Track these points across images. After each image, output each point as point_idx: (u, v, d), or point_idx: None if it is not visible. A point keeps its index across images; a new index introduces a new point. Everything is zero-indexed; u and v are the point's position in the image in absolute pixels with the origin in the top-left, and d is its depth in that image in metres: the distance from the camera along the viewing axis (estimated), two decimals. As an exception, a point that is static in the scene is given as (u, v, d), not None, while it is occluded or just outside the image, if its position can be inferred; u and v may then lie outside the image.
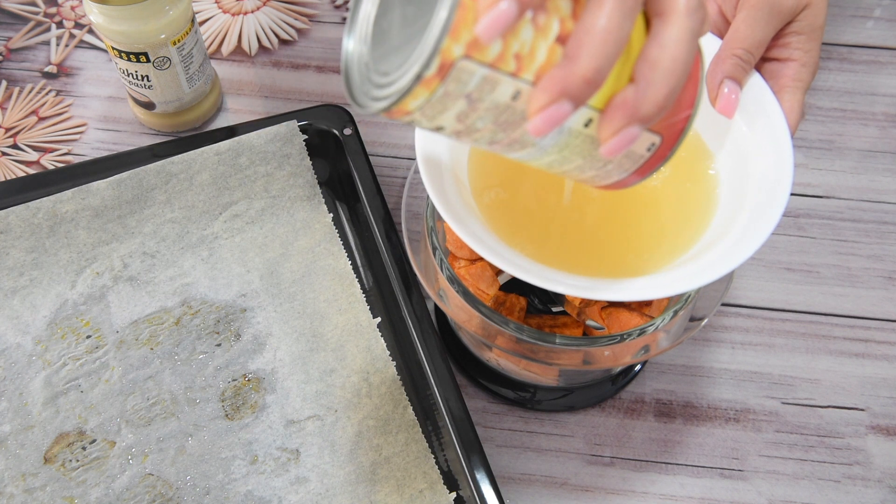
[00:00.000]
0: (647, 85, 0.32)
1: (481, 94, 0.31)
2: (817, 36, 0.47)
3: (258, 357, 0.58)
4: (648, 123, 0.33)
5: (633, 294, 0.41)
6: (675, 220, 0.47)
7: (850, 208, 0.68)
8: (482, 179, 0.47)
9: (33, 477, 0.54)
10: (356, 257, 0.63)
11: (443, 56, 0.28)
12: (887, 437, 0.58)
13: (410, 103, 0.30)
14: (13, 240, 0.59)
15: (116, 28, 0.60)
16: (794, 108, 0.45)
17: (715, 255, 0.42)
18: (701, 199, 0.46)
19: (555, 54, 0.31)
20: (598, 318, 0.53)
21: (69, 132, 0.71)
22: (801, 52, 0.46)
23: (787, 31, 0.46)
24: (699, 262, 0.42)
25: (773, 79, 0.46)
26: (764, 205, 0.42)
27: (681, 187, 0.47)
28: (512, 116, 0.32)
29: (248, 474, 0.54)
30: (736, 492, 0.56)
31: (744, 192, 0.44)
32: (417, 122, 0.32)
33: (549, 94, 0.31)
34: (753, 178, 0.44)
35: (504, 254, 0.41)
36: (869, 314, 0.63)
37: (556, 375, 0.58)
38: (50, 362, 0.57)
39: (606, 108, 0.33)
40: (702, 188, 0.47)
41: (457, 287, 0.50)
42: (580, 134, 0.34)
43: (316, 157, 0.64)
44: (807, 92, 0.47)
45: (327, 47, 0.76)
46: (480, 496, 0.51)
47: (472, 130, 0.33)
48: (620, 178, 0.38)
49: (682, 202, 0.47)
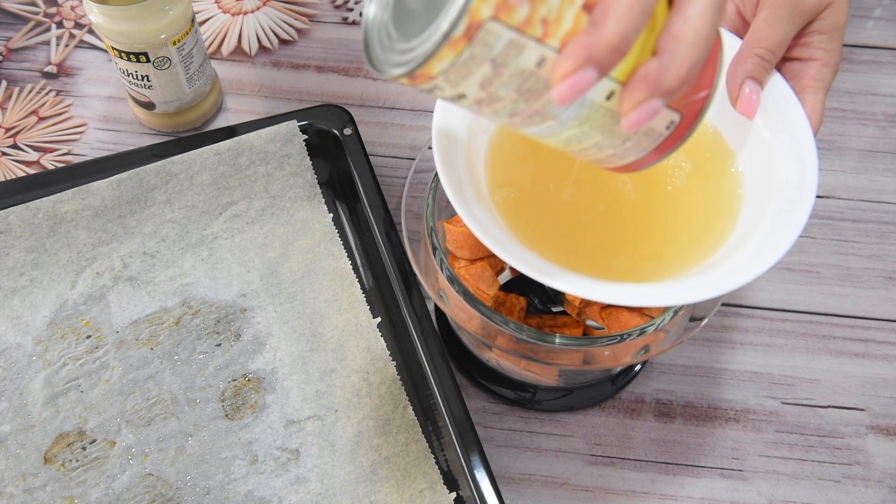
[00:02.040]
0: (671, 57, 0.32)
1: (507, 58, 0.31)
2: (839, 35, 0.46)
3: (258, 357, 0.58)
4: (670, 97, 0.33)
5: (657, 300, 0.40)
6: (699, 221, 0.46)
7: (850, 208, 0.68)
8: (499, 177, 0.46)
9: (33, 477, 0.54)
10: (356, 257, 0.63)
11: (471, 16, 0.28)
12: (887, 437, 0.58)
13: (435, 66, 0.30)
14: (13, 240, 0.59)
15: (116, 28, 0.60)
16: (817, 108, 0.45)
17: (742, 258, 0.41)
18: (725, 198, 0.45)
19: (581, 21, 0.31)
20: (598, 318, 0.53)
21: (69, 132, 0.71)
22: (823, 52, 0.46)
23: (808, 30, 0.46)
24: (724, 266, 0.41)
25: (794, 79, 0.46)
26: (788, 208, 0.42)
27: (705, 186, 0.46)
28: (535, 84, 0.32)
29: (248, 474, 0.54)
30: (736, 492, 0.56)
31: (767, 192, 0.44)
32: (440, 88, 0.32)
33: (574, 61, 0.31)
34: (777, 179, 0.43)
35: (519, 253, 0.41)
36: (869, 314, 0.63)
37: (556, 375, 0.58)
38: (50, 362, 0.57)
39: (629, 81, 0.33)
40: (725, 187, 0.46)
41: (457, 287, 0.50)
42: (601, 107, 0.34)
43: (316, 157, 0.64)
44: (828, 92, 0.46)
45: (327, 47, 0.76)
46: (480, 496, 0.51)
47: (494, 99, 0.33)
48: (638, 158, 0.38)
49: (706, 201, 0.46)
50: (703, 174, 0.46)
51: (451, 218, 0.56)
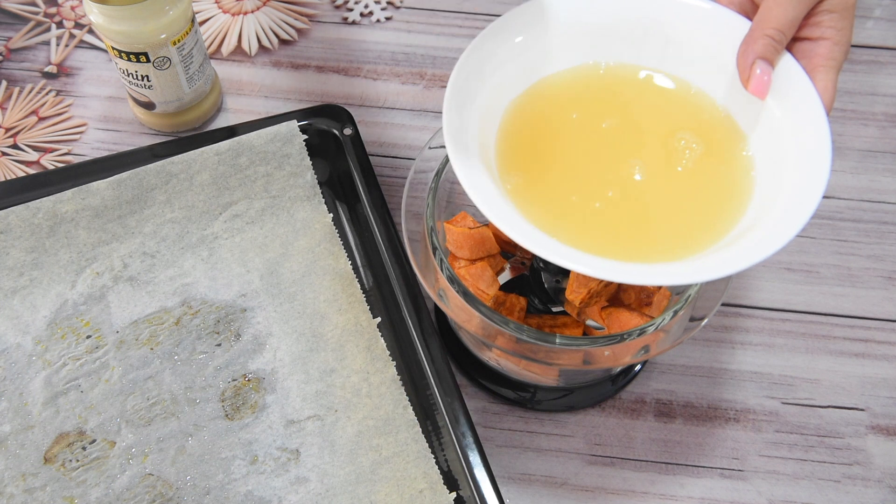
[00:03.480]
0: None
1: None
2: (850, 14, 0.46)
3: (258, 357, 0.58)
4: None
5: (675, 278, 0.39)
6: (711, 203, 0.45)
7: (850, 208, 0.68)
8: (508, 164, 0.46)
9: (33, 477, 0.54)
10: (356, 257, 0.63)
11: None
12: (887, 437, 0.58)
13: None
14: (13, 240, 0.59)
15: (116, 28, 0.60)
16: (828, 87, 0.44)
17: (759, 235, 0.41)
18: (736, 180, 0.45)
19: None
20: (598, 318, 0.53)
21: (69, 132, 0.71)
22: (834, 31, 0.45)
23: (818, 9, 0.45)
24: (742, 243, 0.41)
25: (805, 58, 0.46)
26: (804, 184, 0.41)
27: (715, 170, 0.46)
28: None
29: (248, 474, 0.54)
30: (736, 492, 0.56)
31: (781, 171, 0.43)
32: None
33: None
34: (790, 158, 0.43)
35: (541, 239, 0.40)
36: (869, 314, 0.63)
37: (556, 375, 0.58)
38: (50, 362, 0.57)
39: None
40: (737, 169, 0.46)
41: (457, 287, 0.50)
42: None
43: (316, 157, 0.64)
44: (839, 72, 0.46)
45: (327, 47, 0.76)
46: (480, 496, 0.51)
47: None
48: None
49: (718, 183, 0.46)
50: (714, 157, 0.46)
51: (451, 218, 0.56)
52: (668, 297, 0.52)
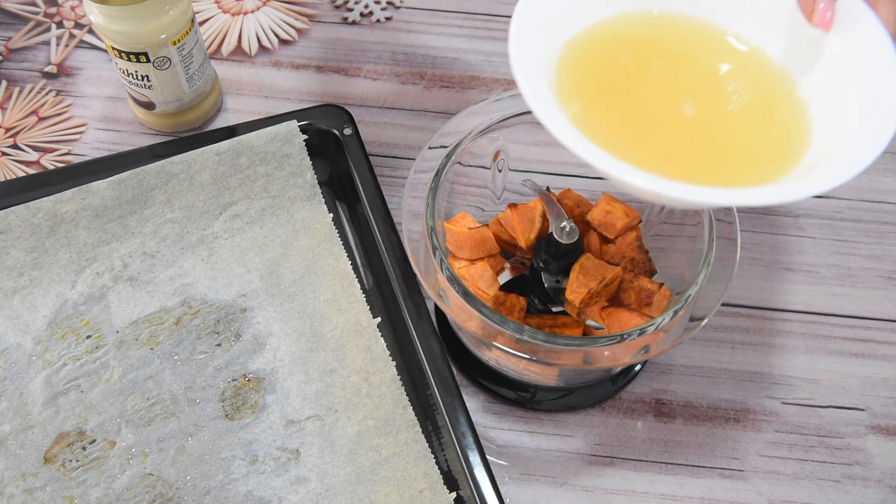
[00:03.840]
0: None
1: None
2: None
3: (258, 357, 0.58)
4: None
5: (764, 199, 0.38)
6: (771, 142, 0.45)
7: (850, 208, 0.68)
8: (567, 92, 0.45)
9: (33, 477, 0.54)
10: (356, 257, 0.63)
11: None
12: (887, 437, 0.58)
13: None
14: (13, 240, 0.59)
15: (116, 28, 0.60)
16: (891, 18, 0.44)
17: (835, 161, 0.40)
18: (792, 122, 0.45)
19: None
20: (598, 318, 0.53)
21: (69, 132, 0.71)
22: None
23: None
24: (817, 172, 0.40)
25: None
26: (874, 110, 0.41)
27: (770, 111, 0.46)
28: None
29: (248, 474, 0.54)
30: (736, 492, 0.56)
31: (842, 106, 0.43)
32: None
33: None
34: (852, 90, 0.43)
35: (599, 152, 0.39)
36: (869, 314, 0.63)
37: (556, 375, 0.58)
38: (50, 362, 0.57)
39: None
40: (792, 111, 0.46)
41: (457, 287, 0.50)
42: None
43: (316, 157, 0.64)
44: None
45: (327, 47, 0.76)
46: (480, 496, 0.51)
47: None
48: None
49: (774, 125, 0.46)
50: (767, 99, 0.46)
51: (450, 218, 0.56)
52: (668, 297, 0.52)
